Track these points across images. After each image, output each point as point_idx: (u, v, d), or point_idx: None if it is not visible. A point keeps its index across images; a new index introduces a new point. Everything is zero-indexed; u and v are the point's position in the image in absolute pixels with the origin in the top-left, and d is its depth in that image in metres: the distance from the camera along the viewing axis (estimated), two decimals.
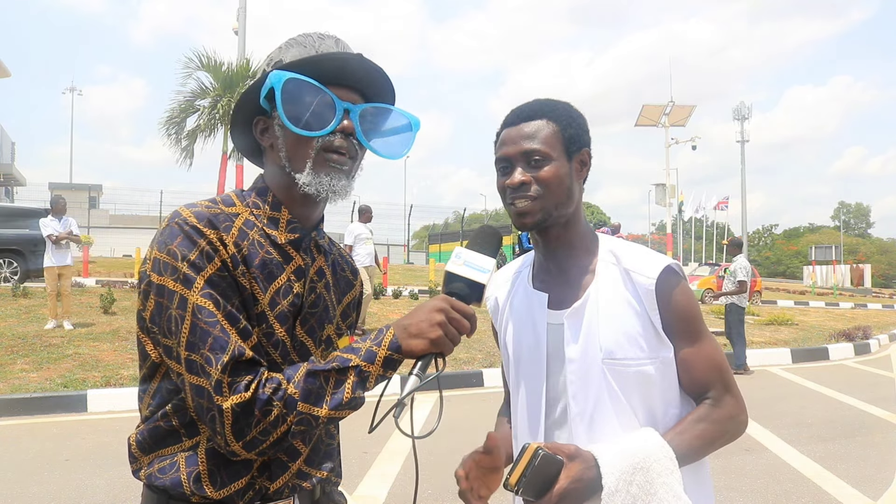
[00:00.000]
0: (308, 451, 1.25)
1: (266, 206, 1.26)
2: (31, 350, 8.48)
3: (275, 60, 1.27)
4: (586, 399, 1.35)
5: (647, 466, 1.24)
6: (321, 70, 1.20)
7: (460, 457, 1.47)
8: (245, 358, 1.09)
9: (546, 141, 1.37)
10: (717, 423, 1.34)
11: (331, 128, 1.21)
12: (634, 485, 1.23)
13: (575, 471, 1.22)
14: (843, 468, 5.13)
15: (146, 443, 1.20)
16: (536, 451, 1.19)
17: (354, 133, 1.23)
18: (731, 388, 1.38)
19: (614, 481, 1.22)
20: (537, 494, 1.21)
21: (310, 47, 1.25)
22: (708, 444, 1.33)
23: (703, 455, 1.35)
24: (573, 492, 1.21)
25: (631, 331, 1.33)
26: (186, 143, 19.47)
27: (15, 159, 43.50)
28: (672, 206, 36.97)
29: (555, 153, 1.36)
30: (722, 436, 1.35)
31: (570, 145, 1.39)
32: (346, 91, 1.23)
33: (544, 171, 1.35)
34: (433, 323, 1.13)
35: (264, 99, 1.23)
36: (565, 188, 1.37)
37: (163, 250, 1.13)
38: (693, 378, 1.36)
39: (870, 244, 74.09)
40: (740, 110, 42.50)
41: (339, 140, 1.22)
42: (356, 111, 1.24)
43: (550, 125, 1.38)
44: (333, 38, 1.28)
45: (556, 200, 1.36)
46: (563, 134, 1.38)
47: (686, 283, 1.39)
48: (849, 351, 12.15)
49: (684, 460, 1.29)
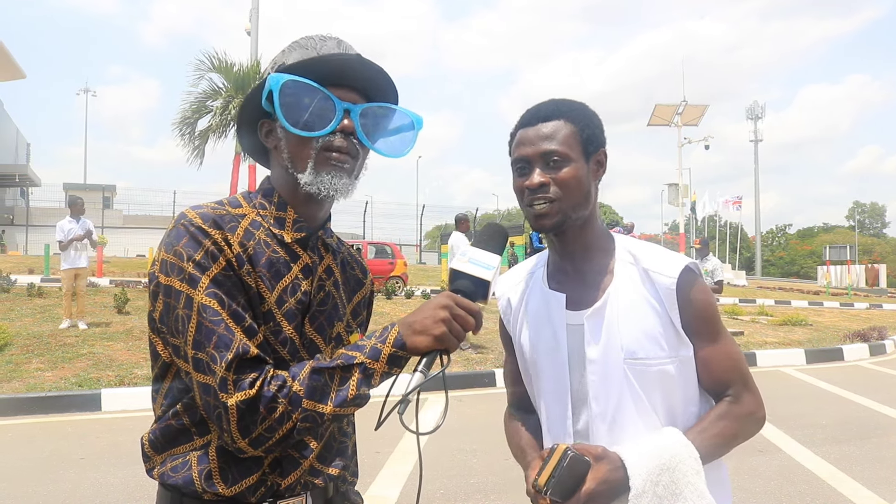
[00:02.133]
0: (320, 447, 1.26)
1: (272, 206, 1.28)
2: (45, 349, 8.56)
3: (277, 63, 1.29)
4: (608, 399, 1.35)
5: (673, 467, 1.25)
6: (322, 71, 1.22)
7: (472, 456, 1.48)
8: (250, 355, 1.10)
9: (565, 142, 1.37)
10: (737, 420, 1.35)
11: (330, 128, 1.22)
12: (661, 485, 1.23)
13: (602, 472, 1.22)
14: (858, 470, 5.08)
15: (158, 442, 1.22)
16: (566, 453, 1.20)
17: (355, 132, 1.24)
18: (750, 385, 1.39)
19: (641, 482, 1.22)
20: (565, 496, 1.21)
21: (311, 49, 1.26)
22: (729, 440, 1.35)
23: (724, 452, 1.36)
24: (601, 493, 1.22)
25: (652, 330, 1.34)
26: (198, 144, 19.59)
27: (30, 160, 43.85)
28: (685, 206, 36.79)
29: (574, 154, 1.37)
30: (742, 432, 1.36)
31: (588, 146, 1.39)
32: (346, 91, 1.25)
33: (563, 172, 1.35)
34: (437, 320, 1.14)
35: (266, 101, 1.24)
36: (584, 190, 1.38)
37: (169, 251, 1.15)
38: (713, 376, 1.37)
39: (885, 244, 73.36)
40: (753, 110, 42.36)
41: (339, 140, 1.23)
42: (356, 111, 1.25)
43: (569, 126, 1.38)
44: (335, 40, 1.30)
45: (575, 202, 1.37)
46: (582, 135, 1.38)
47: (703, 282, 1.39)
48: (864, 352, 12.04)
49: (707, 458, 1.30)
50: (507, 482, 4.61)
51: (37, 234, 31.63)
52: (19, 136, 47.35)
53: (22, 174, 38.05)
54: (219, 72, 19.22)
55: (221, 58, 19.13)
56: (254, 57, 20.10)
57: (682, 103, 35.54)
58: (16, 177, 38.02)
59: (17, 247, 33.29)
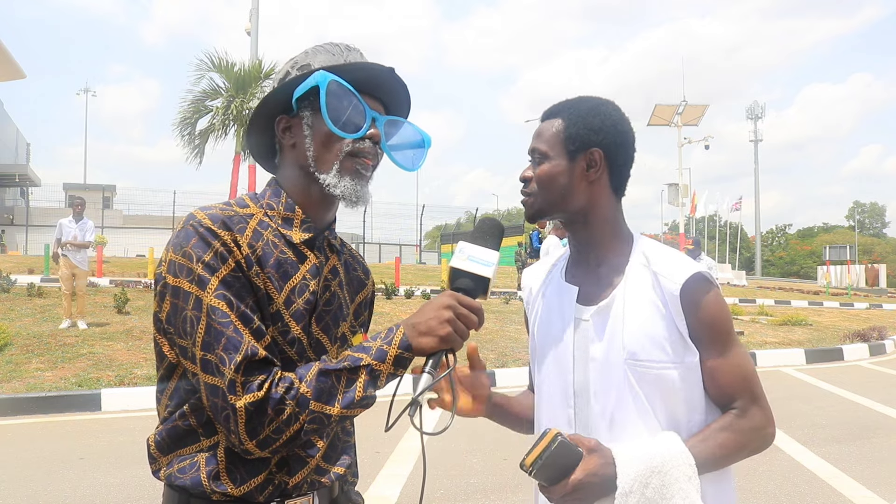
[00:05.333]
0: (325, 446, 1.27)
1: (280, 206, 1.28)
2: (45, 349, 8.56)
3: (301, 64, 1.30)
4: (608, 397, 1.35)
5: (665, 471, 1.24)
6: (356, 78, 1.25)
7: (472, 456, 1.48)
8: (258, 357, 1.11)
9: (548, 140, 1.42)
10: (741, 434, 1.33)
11: (361, 132, 1.25)
12: (650, 488, 1.23)
13: (592, 464, 1.22)
14: (858, 470, 5.08)
15: (165, 443, 1.22)
16: (556, 437, 1.20)
17: (380, 141, 1.28)
18: (759, 400, 1.36)
19: (629, 482, 1.22)
20: (550, 480, 1.22)
21: (338, 55, 1.30)
22: (731, 454, 1.32)
23: (724, 465, 1.34)
24: (588, 486, 1.22)
25: (655, 333, 1.33)
26: (198, 143, 19.60)
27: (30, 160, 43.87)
28: (685, 206, 36.79)
29: (552, 152, 1.41)
30: (746, 447, 1.34)
31: (569, 144, 1.40)
32: (373, 101, 1.29)
33: (539, 169, 1.42)
34: (442, 320, 1.15)
35: (297, 99, 1.25)
36: (559, 187, 1.40)
37: (178, 252, 1.15)
38: (719, 387, 1.35)
39: (885, 244, 73.34)
40: (753, 110, 42.39)
41: (366, 147, 1.26)
42: (382, 121, 1.29)
43: (558, 124, 1.42)
44: (358, 52, 1.34)
45: (549, 198, 1.41)
46: (565, 133, 1.40)
47: (717, 292, 1.36)
48: (864, 352, 12.05)
49: (704, 468, 1.28)
50: (507, 482, 4.61)
51: (37, 234, 31.67)
52: (19, 136, 47.37)
53: (22, 174, 38.07)
54: (219, 71, 19.25)
55: (222, 57, 19.16)
56: (254, 57, 20.09)
57: (683, 103, 35.54)
58: (16, 177, 38.04)
59: (17, 247, 33.31)
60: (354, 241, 37.97)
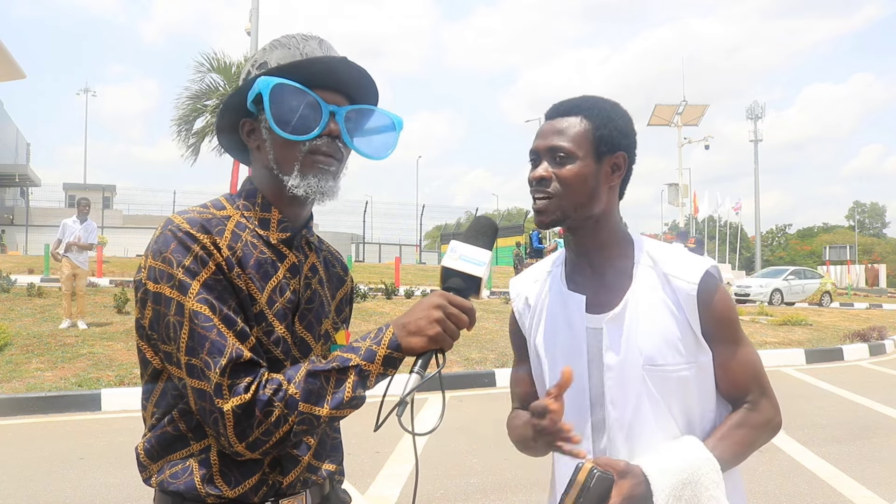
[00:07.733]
0: (316, 444, 1.28)
1: (256, 207, 1.28)
2: (45, 349, 8.56)
3: (259, 62, 1.28)
4: (626, 405, 1.34)
5: (696, 480, 1.25)
6: (309, 73, 1.22)
7: (472, 456, 1.48)
8: (243, 360, 1.10)
9: (574, 139, 1.35)
10: (755, 428, 1.35)
11: (317, 132, 1.23)
12: (683, 499, 1.24)
13: (626, 488, 1.22)
14: (858, 470, 5.08)
15: (154, 450, 1.21)
16: (591, 471, 1.21)
17: (340, 136, 1.25)
18: (767, 391, 1.38)
19: (664, 498, 1.23)
20: None
21: (294, 49, 1.26)
22: (748, 448, 1.35)
23: (742, 459, 1.36)
24: None
25: (671, 336, 1.32)
26: (193, 141, 19.67)
27: (30, 160, 43.86)
28: (685, 206, 36.78)
29: (581, 152, 1.34)
30: (759, 439, 1.37)
31: (601, 146, 1.35)
32: (331, 93, 1.25)
33: (566, 169, 1.34)
34: (431, 320, 1.14)
35: (251, 102, 1.24)
36: (587, 189, 1.35)
37: (157, 258, 1.14)
38: (732, 382, 1.36)
39: (885, 244, 73.34)
40: (753, 109, 42.32)
41: (325, 143, 1.24)
42: (341, 113, 1.26)
43: (583, 123, 1.36)
44: (317, 40, 1.30)
45: (575, 201, 1.34)
46: (595, 134, 1.35)
47: (724, 287, 1.37)
48: (864, 352, 12.04)
49: (725, 467, 1.30)
50: (507, 482, 4.61)
51: (37, 234, 31.63)
52: (19, 136, 47.35)
53: (22, 174, 38.07)
54: (219, 72, 19.28)
55: (220, 57, 19.20)
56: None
57: (683, 103, 35.59)
58: (16, 177, 38.04)
59: (17, 247, 33.30)
60: (354, 241, 38.00)
